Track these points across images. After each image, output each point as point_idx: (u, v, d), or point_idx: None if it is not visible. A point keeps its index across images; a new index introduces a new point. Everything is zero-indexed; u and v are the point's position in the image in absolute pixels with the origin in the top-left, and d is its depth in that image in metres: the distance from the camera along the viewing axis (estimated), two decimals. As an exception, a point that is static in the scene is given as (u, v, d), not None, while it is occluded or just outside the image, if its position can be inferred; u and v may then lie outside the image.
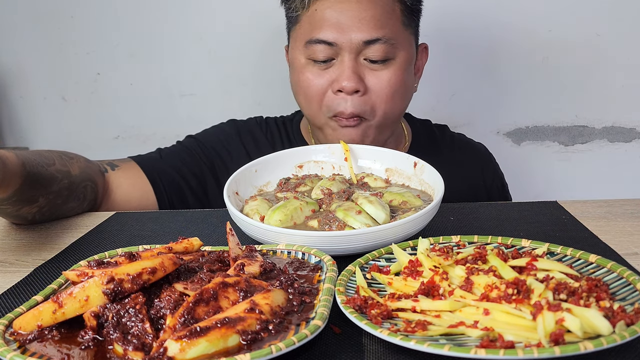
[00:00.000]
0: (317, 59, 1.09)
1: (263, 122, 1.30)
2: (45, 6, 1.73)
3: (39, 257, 0.86)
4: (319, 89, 1.10)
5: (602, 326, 0.51)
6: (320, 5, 1.08)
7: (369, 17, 1.06)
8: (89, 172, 1.05)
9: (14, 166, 0.84)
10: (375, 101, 1.09)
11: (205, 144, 1.24)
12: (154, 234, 0.94)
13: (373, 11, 1.06)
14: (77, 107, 1.81)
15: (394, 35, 1.08)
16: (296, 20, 1.13)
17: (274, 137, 1.27)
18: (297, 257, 0.73)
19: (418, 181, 0.95)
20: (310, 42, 1.09)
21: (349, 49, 1.07)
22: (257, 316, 0.54)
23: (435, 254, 0.67)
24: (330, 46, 1.07)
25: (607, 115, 1.71)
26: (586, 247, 0.74)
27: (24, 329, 0.57)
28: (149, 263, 0.60)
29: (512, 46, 1.65)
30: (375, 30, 1.06)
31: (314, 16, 1.09)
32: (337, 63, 1.09)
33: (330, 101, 1.10)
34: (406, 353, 0.55)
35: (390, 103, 1.10)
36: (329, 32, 1.07)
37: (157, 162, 1.19)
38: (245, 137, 1.26)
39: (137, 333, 0.54)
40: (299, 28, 1.12)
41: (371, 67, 1.09)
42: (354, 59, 1.08)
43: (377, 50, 1.07)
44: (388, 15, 1.08)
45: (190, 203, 1.20)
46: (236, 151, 1.24)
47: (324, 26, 1.07)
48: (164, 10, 1.70)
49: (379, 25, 1.06)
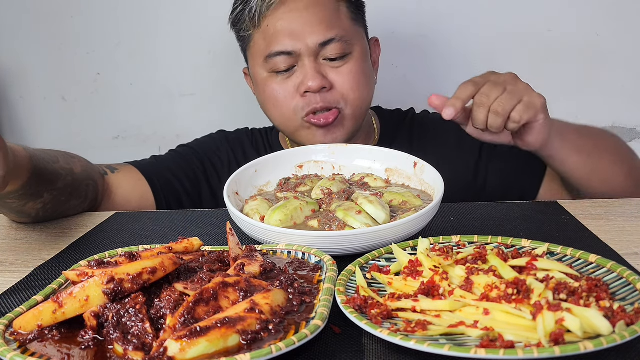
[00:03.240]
0: (279, 69, 1.13)
1: (249, 132, 1.34)
2: (45, 6, 1.73)
3: (39, 257, 0.86)
4: (287, 95, 1.14)
5: (602, 326, 0.51)
6: (270, 20, 1.12)
7: (319, 20, 1.11)
8: (90, 172, 1.07)
9: (22, 159, 0.86)
10: (343, 92, 1.13)
11: (198, 151, 1.28)
12: (154, 234, 0.94)
13: (322, 14, 1.12)
14: (77, 107, 1.80)
15: (346, 32, 1.13)
16: (249, 39, 1.17)
17: (259, 146, 1.31)
18: (297, 257, 0.73)
19: (418, 181, 0.95)
20: (269, 56, 1.13)
21: (307, 53, 1.11)
22: (257, 316, 0.54)
23: (435, 254, 0.67)
24: (290, 55, 1.12)
25: (607, 115, 1.71)
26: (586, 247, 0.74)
27: (24, 329, 0.57)
28: (149, 263, 0.60)
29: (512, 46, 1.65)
30: (328, 31, 1.11)
31: (267, 32, 1.13)
32: (299, 69, 1.13)
33: (300, 103, 1.13)
34: (406, 353, 0.55)
35: (357, 92, 1.15)
36: (286, 42, 1.11)
37: (153, 166, 1.22)
38: (234, 146, 1.30)
39: (137, 333, 0.54)
40: (254, 46, 1.17)
41: (331, 65, 1.13)
42: (314, 61, 1.12)
43: (334, 49, 1.12)
44: (335, 14, 1.13)
45: (186, 206, 1.23)
46: (226, 158, 1.28)
47: (279, 38, 1.11)
48: (164, 10, 1.70)
49: (330, 26, 1.12)
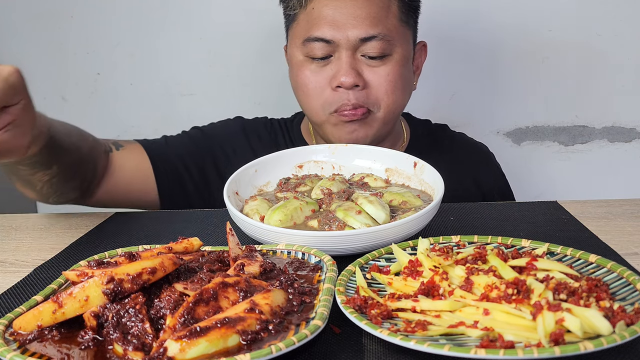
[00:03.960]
0: (315, 56, 1.11)
1: (268, 122, 1.31)
2: (45, 6, 1.73)
3: (39, 257, 0.86)
4: (318, 86, 1.12)
5: (602, 326, 0.51)
6: (317, 4, 1.10)
7: (365, 15, 1.08)
8: (95, 153, 1.06)
9: (43, 126, 0.86)
10: (377, 95, 1.11)
11: (211, 137, 1.25)
12: (154, 234, 0.94)
13: (369, 9, 1.08)
14: (77, 107, 1.80)
15: (390, 32, 1.10)
16: (294, 18, 1.15)
17: (278, 138, 1.28)
18: (297, 257, 0.73)
19: (418, 181, 0.95)
20: (308, 40, 1.10)
21: (346, 46, 1.08)
22: (257, 316, 0.54)
23: (435, 254, 0.67)
24: (328, 43, 1.09)
25: (607, 115, 1.71)
26: (586, 247, 0.74)
27: (24, 329, 0.57)
28: (149, 263, 0.60)
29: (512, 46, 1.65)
30: (371, 28, 1.08)
31: (311, 14, 1.10)
32: (335, 60, 1.10)
33: (330, 97, 1.11)
34: (406, 353, 0.55)
35: (392, 97, 1.12)
36: (326, 30, 1.08)
37: (161, 147, 1.19)
38: (251, 135, 1.26)
39: (137, 333, 0.54)
40: (297, 26, 1.14)
41: (369, 63, 1.10)
42: (352, 56, 1.09)
43: (374, 47, 1.08)
44: (384, 12, 1.10)
45: (191, 192, 1.20)
46: (240, 147, 1.24)
47: (321, 24, 1.09)
48: (164, 10, 1.70)
49: (375, 23, 1.08)
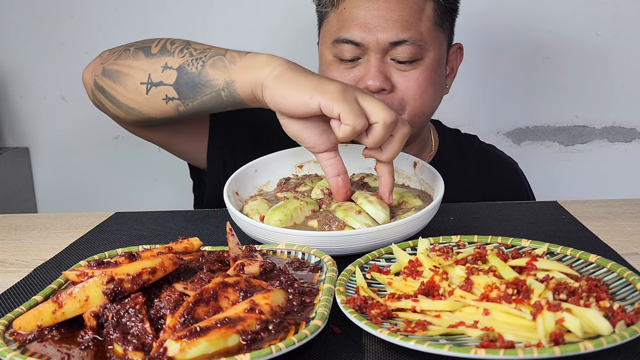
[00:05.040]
0: (343, 57, 1.08)
1: None
2: (45, 6, 1.73)
3: (39, 257, 0.86)
4: None
5: (602, 326, 0.51)
6: (349, 4, 1.07)
7: (396, 18, 1.04)
8: None
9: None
10: (403, 98, 1.07)
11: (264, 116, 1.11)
12: (154, 234, 0.94)
13: (400, 12, 1.05)
14: (77, 107, 1.81)
15: (422, 36, 1.06)
16: (325, 16, 1.12)
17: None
18: (297, 257, 0.73)
19: (418, 181, 0.95)
20: (337, 41, 1.08)
21: (375, 49, 1.05)
22: (257, 316, 0.54)
23: (435, 254, 0.67)
24: (357, 46, 1.06)
25: (607, 115, 1.71)
26: (586, 247, 0.74)
27: (24, 329, 0.57)
28: (149, 263, 0.60)
29: (512, 46, 1.66)
30: (402, 32, 1.04)
31: (342, 14, 1.08)
32: (364, 62, 1.07)
33: None
34: (406, 353, 0.54)
35: (419, 100, 1.08)
36: (356, 32, 1.05)
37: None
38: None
39: (137, 333, 0.54)
40: (327, 25, 1.12)
41: (398, 67, 1.07)
42: (380, 59, 1.06)
43: (404, 51, 1.05)
44: (417, 15, 1.06)
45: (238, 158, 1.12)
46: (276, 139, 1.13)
47: (351, 25, 1.06)
48: (164, 10, 1.70)
49: (407, 26, 1.05)
